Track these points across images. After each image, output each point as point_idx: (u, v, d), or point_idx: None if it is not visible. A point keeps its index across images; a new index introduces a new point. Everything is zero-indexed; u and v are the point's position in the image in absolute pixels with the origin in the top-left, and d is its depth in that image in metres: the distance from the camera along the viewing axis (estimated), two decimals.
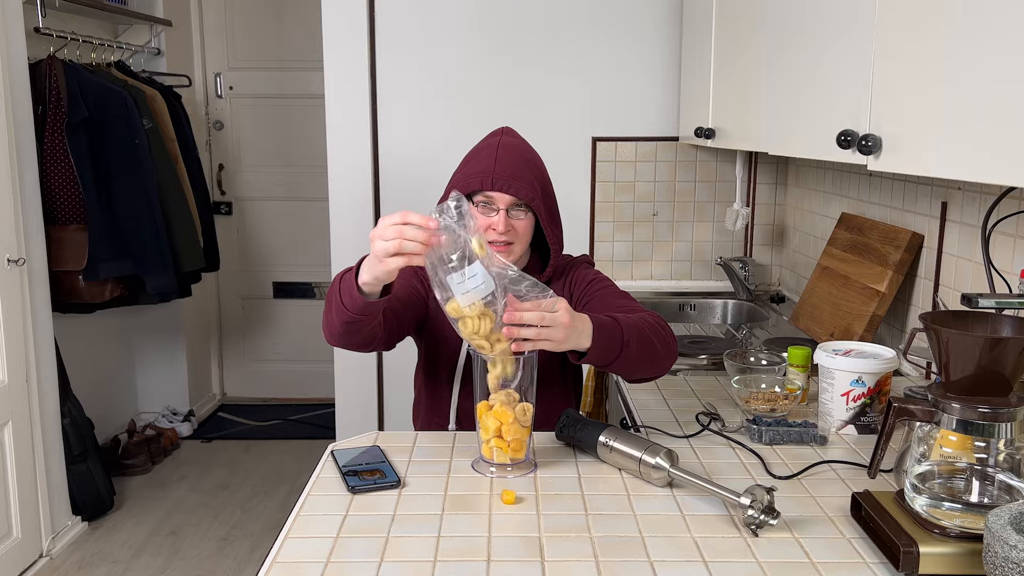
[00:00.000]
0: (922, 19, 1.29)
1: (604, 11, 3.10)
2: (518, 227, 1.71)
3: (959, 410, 1.14)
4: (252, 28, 4.63)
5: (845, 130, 1.49)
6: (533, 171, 1.73)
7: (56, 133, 3.29)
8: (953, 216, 1.95)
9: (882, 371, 1.63)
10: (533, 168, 1.73)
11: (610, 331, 1.49)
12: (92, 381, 3.86)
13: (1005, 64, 1.09)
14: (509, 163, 1.70)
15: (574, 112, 3.17)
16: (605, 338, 1.48)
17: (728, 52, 2.42)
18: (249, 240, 4.82)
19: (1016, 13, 1.06)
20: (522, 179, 1.69)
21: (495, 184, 1.67)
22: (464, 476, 1.48)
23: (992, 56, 1.11)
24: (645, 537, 1.25)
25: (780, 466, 1.51)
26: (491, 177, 1.67)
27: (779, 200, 3.21)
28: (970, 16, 1.16)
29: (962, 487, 1.16)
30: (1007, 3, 1.08)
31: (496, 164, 1.68)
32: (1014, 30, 1.07)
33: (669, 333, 1.62)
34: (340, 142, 3.20)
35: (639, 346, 1.53)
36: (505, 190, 1.67)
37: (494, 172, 1.67)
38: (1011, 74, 1.07)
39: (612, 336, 1.49)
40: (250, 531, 3.39)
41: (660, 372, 1.63)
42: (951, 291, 1.95)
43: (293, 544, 1.25)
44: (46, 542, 3.10)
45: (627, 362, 1.53)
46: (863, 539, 1.24)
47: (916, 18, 1.31)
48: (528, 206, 1.71)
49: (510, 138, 1.77)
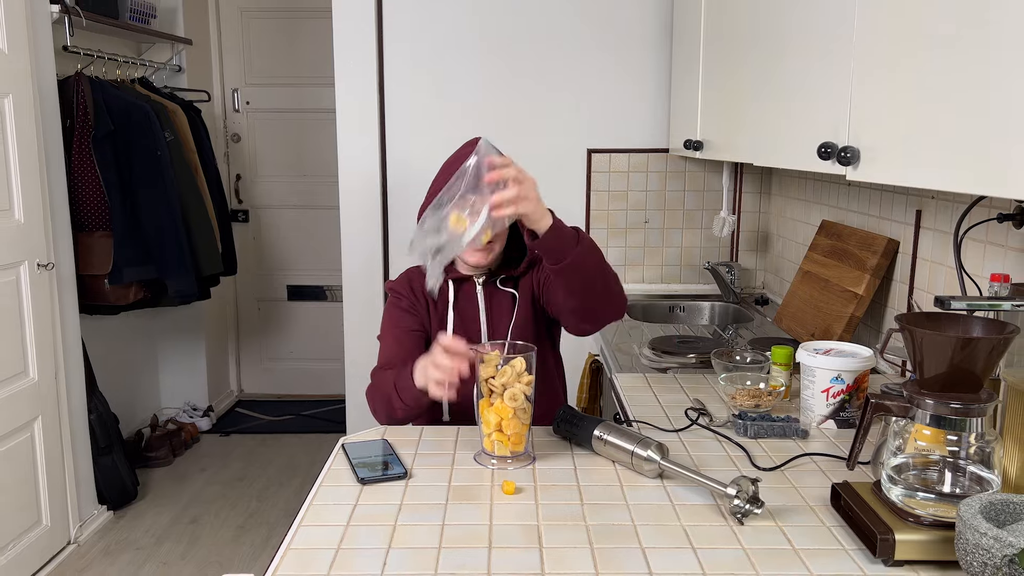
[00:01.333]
0: (898, 38, 1.29)
1: (599, 29, 3.11)
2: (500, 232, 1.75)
3: (933, 406, 1.14)
4: (268, 46, 4.63)
5: (825, 143, 1.49)
6: None
7: (83, 145, 3.29)
8: (927, 223, 1.95)
9: (860, 369, 1.64)
10: None
11: (568, 229, 1.53)
12: (117, 379, 3.87)
13: (973, 83, 1.09)
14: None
15: (570, 125, 3.17)
16: (563, 228, 1.52)
17: (716, 68, 2.42)
18: (265, 246, 4.83)
19: (981, 37, 1.07)
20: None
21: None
22: (467, 468, 1.48)
23: (961, 74, 1.12)
24: (637, 525, 1.25)
25: (764, 458, 1.51)
26: None
27: (763, 208, 3.21)
28: (941, 37, 1.17)
29: (935, 478, 1.16)
30: (975, 28, 1.08)
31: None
32: (981, 55, 1.07)
33: (619, 281, 1.65)
34: (350, 153, 3.20)
35: (592, 259, 1.56)
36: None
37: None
38: (979, 93, 1.08)
39: (568, 232, 1.53)
40: (266, 520, 3.39)
41: (610, 307, 1.64)
42: (925, 294, 1.95)
43: (306, 532, 1.25)
44: (74, 530, 3.10)
45: (579, 268, 1.54)
46: (842, 527, 1.25)
47: (892, 37, 1.31)
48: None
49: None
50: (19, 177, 2.74)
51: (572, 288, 1.59)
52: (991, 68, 1.06)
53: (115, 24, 3.55)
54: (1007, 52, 1.02)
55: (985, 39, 1.07)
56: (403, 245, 3.23)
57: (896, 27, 1.30)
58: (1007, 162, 1.03)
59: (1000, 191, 1.05)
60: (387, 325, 1.84)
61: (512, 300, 1.82)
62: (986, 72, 1.07)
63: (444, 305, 1.81)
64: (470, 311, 1.81)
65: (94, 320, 3.59)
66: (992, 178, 1.06)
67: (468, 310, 1.81)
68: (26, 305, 2.80)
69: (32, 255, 2.82)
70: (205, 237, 3.74)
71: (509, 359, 1.45)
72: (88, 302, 3.37)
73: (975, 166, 1.09)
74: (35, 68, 2.83)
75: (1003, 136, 1.04)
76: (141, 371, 4.22)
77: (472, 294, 1.81)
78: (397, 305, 1.84)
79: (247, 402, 4.84)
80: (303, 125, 4.68)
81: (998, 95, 1.04)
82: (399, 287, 1.86)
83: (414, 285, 1.85)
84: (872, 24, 1.38)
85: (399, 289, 1.85)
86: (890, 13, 1.31)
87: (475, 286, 1.82)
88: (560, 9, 3.10)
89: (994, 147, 1.05)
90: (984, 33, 1.07)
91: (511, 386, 1.45)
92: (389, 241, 3.26)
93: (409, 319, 1.81)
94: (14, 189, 2.74)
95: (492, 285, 1.82)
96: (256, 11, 4.60)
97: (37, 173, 2.84)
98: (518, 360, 1.45)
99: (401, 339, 1.78)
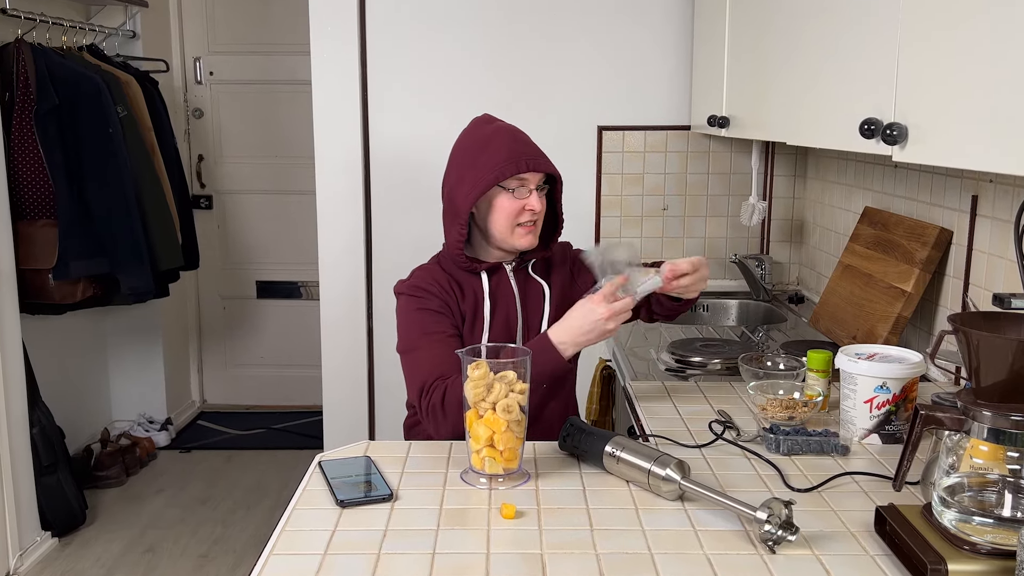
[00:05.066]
0: (951, 3, 1.29)
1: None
2: (542, 205, 1.85)
3: (990, 418, 1.14)
4: (234, 9, 4.63)
5: (868, 118, 1.49)
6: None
7: (24, 121, 3.29)
8: (984, 211, 1.95)
9: (908, 376, 1.64)
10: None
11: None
12: (63, 387, 3.86)
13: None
14: (527, 143, 1.84)
15: (578, 99, 3.17)
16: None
17: (743, 36, 2.42)
18: (230, 236, 4.83)
19: None
20: (543, 156, 1.83)
21: (530, 164, 1.80)
22: (460, 489, 1.48)
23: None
24: (654, 554, 1.26)
25: (799, 478, 1.52)
26: (524, 159, 1.80)
27: (798, 193, 3.21)
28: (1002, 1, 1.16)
29: (993, 500, 1.16)
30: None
31: (519, 145, 1.82)
32: None
33: None
34: (328, 131, 3.20)
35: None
36: (537, 168, 1.81)
37: (525, 154, 1.81)
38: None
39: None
40: (232, 547, 3.39)
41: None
42: (982, 291, 1.95)
43: (278, 561, 1.25)
44: (13, 560, 3.10)
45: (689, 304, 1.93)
46: (887, 556, 1.25)
47: (944, 2, 1.31)
48: (551, 179, 1.87)
49: (504, 123, 1.90)
50: None
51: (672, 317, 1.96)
52: None
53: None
54: None
55: None
56: (389, 235, 3.23)
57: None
58: None
59: None
60: (418, 332, 1.83)
61: (542, 291, 1.93)
62: None
63: (474, 297, 1.88)
64: (504, 300, 1.90)
65: (36, 321, 3.59)
66: None
67: (503, 299, 1.90)
68: None
69: None
70: (163, 226, 3.74)
71: (499, 374, 1.47)
72: (30, 300, 3.37)
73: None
74: None
75: None
76: (90, 379, 4.22)
77: (505, 283, 1.91)
78: (426, 307, 1.84)
79: (210, 414, 4.84)
80: (274, 99, 4.68)
81: None
82: (425, 285, 1.86)
83: (441, 283, 1.87)
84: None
85: (426, 287, 1.86)
86: None
87: (506, 274, 1.92)
88: None
89: None
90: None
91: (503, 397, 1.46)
92: (372, 230, 3.26)
93: (445, 322, 1.84)
94: None
95: (524, 272, 1.94)
96: None
97: None
98: (508, 372, 1.47)
99: (448, 343, 1.79)
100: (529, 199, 1.81)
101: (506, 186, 1.80)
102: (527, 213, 1.81)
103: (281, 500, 3.74)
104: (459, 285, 1.89)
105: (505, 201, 1.81)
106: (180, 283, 4.29)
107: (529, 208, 1.81)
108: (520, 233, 1.84)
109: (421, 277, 1.89)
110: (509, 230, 1.83)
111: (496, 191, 1.81)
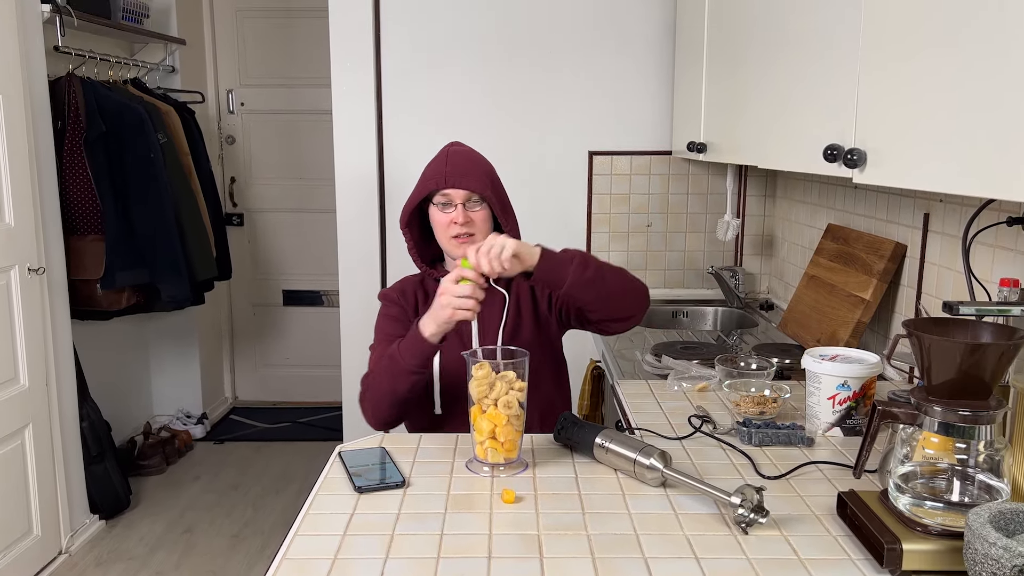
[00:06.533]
0: (905, 38, 1.29)
1: (600, 29, 3.11)
2: (476, 218, 1.81)
3: (941, 413, 1.14)
4: (263, 47, 4.64)
5: (831, 144, 1.50)
6: (482, 169, 1.83)
7: (75, 147, 3.30)
8: (935, 227, 1.95)
9: (867, 375, 1.64)
10: (482, 166, 1.84)
11: (558, 255, 1.64)
12: (109, 385, 3.86)
13: (983, 84, 1.09)
14: (458, 164, 1.81)
15: (571, 127, 3.17)
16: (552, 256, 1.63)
17: (719, 68, 2.43)
18: (260, 250, 4.83)
19: (993, 37, 1.07)
20: (472, 175, 1.80)
21: (447, 181, 1.78)
22: (465, 476, 1.48)
23: (971, 76, 1.12)
24: (639, 535, 1.25)
25: (769, 466, 1.51)
26: (444, 176, 1.79)
27: (768, 211, 3.21)
28: (950, 38, 1.17)
29: (943, 487, 1.16)
30: (985, 27, 1.09)
31: (447, 166, 1.80)
32: (992, 54, 1.07)
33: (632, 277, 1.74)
34: (347, 155, 3.21)
35: (590, 272, 1.64)
36: (457, 185, 1.79)
37: (446, 172, 1.79)
38: (989, 94, 1.08)
39: (559, 257, 1.64)
40: (261, 528, 3.38)
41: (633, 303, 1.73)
42: (933, 299, 1.95)
43: (302, 541, 1.25)
44: (65, 540, 3.09)
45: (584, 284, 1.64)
46: (848, 536, 1.24)
47: (899, 37, 1.31)
48: (482, 198, 1.81)
49: (458, 146, 1.89)
50: (9, 180, 2.75)
51: (587, 302, 1.69)
52: (1001, 68, 1.06)
53: (107, 24, 3.56)
54: (1018, 52, 1.03)
55: (995, 38, 1.07)
56: (401, 249, 3.22)
57: (901, 26, 1.30)
58: (1017, 165, 1.03)
59: (1009, 194, 1.05)
60: (378, 335, 1.88)
61: (503, 300, 1.86)
62: (996, 72, 1.07)
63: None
64: None
65: (86, 325, 3.59)
66: (1001, 181, 1.06)
67: None
68: (16, 310, 2.80)
69: (23, 259, 2.82)
70: (199, 241, 3.74)
71: (500, 374, 1.47)
72: (80, 307, 3.37)
73: (984, 169, 1.10)
74: (26, 69, 2.83)
75: (1013, 138, 1.04)
76: (134, 377, 4.22)
77: None
78: (387, 314, 1.89)
79: (242, 409, 4.83)
80: (299, 127, 4.69)
81: (1009, 96, 1.04)
82: (391, 294, 1.91)
83: (406, 293, 1.90)
84: (879, 24, 1.38)
85: (390, 296, 1.91)
86: (895, 12, 1.32)
87: None
88: (561, 9, 3.11)
89: (1003, 149, 1.06)
90: (994, 32, 1.07)
91: (504, 394, 1.46)
92: (387, 245, 3.26)
93: (399, 328, 1.84)
94: (4, 192, 2.74)
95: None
96: (251, 10, 4.61)
97: (28, 176, 2.84)
98: (508, 372, 1.47)
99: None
100: (452, 213, 1.79)
101: (435, 202, 1.81)
102: (454, 227, 1.79)
103: (305, 486, 3.74)
104: (426, 294, 1.89)
105: (437, 215, 1.82)
106: (214, 292, 4.29)
107: (453, 221, 1.79)
108: (455, 244, 1.81)
109: (393, 288, 1.93)
110: (447, 241, 1.83)
111: (432, 207, 1.82)
